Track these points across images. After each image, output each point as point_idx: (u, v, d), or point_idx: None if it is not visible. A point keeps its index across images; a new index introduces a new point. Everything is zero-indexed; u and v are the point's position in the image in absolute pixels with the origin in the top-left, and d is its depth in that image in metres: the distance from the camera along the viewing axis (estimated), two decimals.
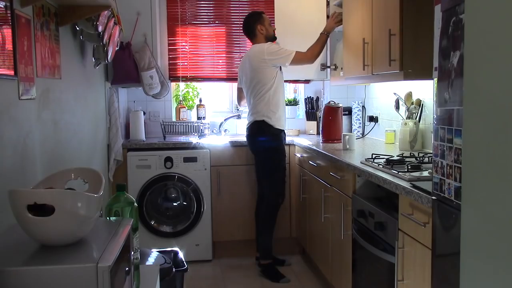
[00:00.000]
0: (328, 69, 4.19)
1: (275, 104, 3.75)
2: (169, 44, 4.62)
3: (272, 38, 3.89)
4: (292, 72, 4.05)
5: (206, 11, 4.68)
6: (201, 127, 4.35)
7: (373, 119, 4.07)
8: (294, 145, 4.19)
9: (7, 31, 1.85)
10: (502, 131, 1.18)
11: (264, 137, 3.78)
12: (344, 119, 4.16)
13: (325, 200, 3.30)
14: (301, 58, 3.73)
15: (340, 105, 4.05)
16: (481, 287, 1.28)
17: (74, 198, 1.37)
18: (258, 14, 3.93)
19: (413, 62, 2.70)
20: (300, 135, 4.54)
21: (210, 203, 4.09)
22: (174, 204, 4.20)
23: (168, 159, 3.99)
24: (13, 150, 1.89)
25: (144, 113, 4.37)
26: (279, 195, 3.86)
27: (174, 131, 4.34)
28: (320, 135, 4.04)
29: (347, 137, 3.47)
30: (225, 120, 4.62)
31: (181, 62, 4.65)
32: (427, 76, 2.10)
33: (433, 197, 1.80)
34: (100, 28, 2.75)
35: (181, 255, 2.72)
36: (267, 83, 3.72)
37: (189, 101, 4.75)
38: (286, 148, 4.17)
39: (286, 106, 4.79)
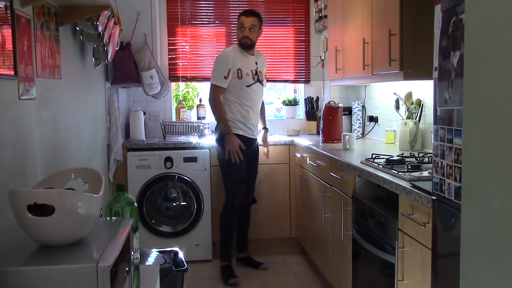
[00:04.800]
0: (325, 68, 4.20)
1: (228, 110, 3.74)
2: (169, 44, 4.62)
3: (240, 44, 3.78)
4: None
5: (206, 11, 4.68)
6: (201, 127, 4.35)
7: (373, 119, 4.07)
8: (294, 145, 4.19)
9: (7, 31, 1.85)
10: (502, 131, 1.18)
11: (218, 139, 3.79)
12: (344, 119, 4.16)
13: (325, 200, 3.30)
14: (211, 93, 3.72)
15: (340, 105, 4.05)
16: (481, 287, 1.28)
17: (74, 198, 1.37)
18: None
19: (413, 62, 2.70)
20: (300, 135, 4.54)
21: (210, 203, 4.08)
22: (174, 204, 4.20)
23: (168, 159, 3.99)
24: (13, 150, 1.89)
25: (144, 113, 4.37)
26: (231, 197, 3.79)
27: (174, 131, 4.34)
28: (320, 135, 4.04)
29: (347, 137, 3.47)
30: None
31: (181, 62, 4.65)
32: (427, 76, 2.10)
33: (433, 197, 1.80)
34: (100, 28, 2.75)
35: (181, 255, 2.72)
36: None
37: (189, 101, 4.75)
38: (285, 148, 4.18)
39: (286, 106, 4.80)
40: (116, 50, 3.42)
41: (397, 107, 3.40)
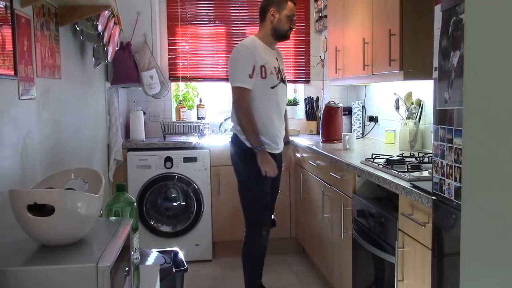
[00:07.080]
0: (326, 68, 4.20)
1: None
2: (169, 44, 4.62)
3: (280, 36, 3.07)
4: None
5: (206, 11, 4.68)
6: (201, 127, 4.35)
7: (373, 119, 4.07)
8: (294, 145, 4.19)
9: (7, 31, 1.84)
10: (502, 131, 1.18)
11: (235, 154, 3.12)
12: (344, 119, 4.15)
13: (325, 200, 3.30)
14: (236, 98, 2.97)
15: (340, 105, 4.05)
16: (481, 287, 1.28)
17: (74, 198, 1.37)
18: None
19: (413, 62, 2.70)
20: (300, 135, 4.54)
21: (210, 203, 4.08)
22: (174, 204, 4.20)
23: (168, 159, 3.99)
24: (13, 150, 1.89)
25: (144, 113, 4.37)
26: (257, 225, 3.12)
27: (174, 131, 4.34)
28: (320, 135, 4.04)
29: (347, 137, 3.47)
30: (225, 120, 4.61)
31: (181, 62, 4.65)
32: (427, 76, 2.10)
33: (433, 197, 1.80)
34: (100, 28, 2.75)
35: (181, 255, 2.72)
36: None
37: (189, 101, 4.75)
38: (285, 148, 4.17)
39: (286, 106, 4.80)
40: (116, 50, 3.42)
41: (397, 107, 3.40)
